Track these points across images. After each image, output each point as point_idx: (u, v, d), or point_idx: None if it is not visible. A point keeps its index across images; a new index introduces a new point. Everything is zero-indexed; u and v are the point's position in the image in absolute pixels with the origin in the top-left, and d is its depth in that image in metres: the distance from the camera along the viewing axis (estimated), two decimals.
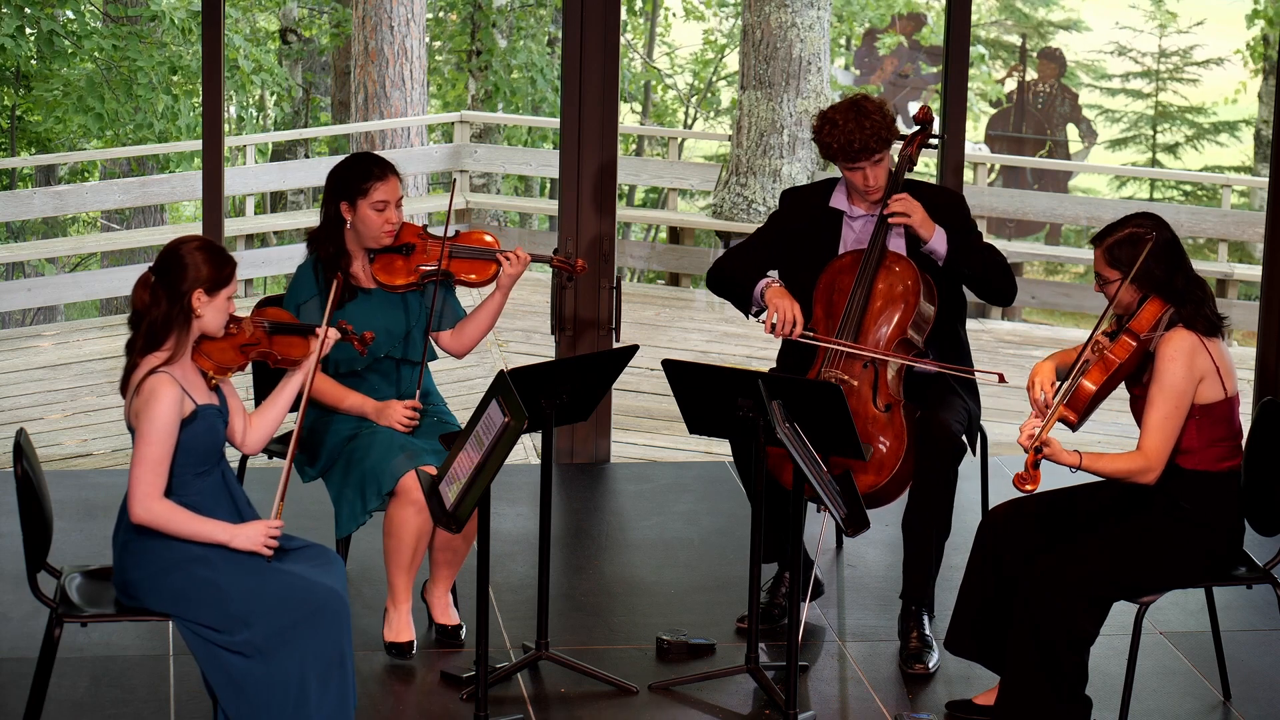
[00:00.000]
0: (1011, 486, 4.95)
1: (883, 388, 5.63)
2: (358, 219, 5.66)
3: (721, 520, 6.92)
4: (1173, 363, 5.00)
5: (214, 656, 4.74)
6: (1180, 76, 19.55)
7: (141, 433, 4.69)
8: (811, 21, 14.41)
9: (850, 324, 5.68)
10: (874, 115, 5.68)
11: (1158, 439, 5.01)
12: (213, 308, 4.77)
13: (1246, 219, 14.48)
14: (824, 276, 5.80)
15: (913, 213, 5.67)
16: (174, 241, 4.79)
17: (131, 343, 4.78)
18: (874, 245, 5.73)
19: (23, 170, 16.40)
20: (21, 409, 10.05)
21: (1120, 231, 5.09)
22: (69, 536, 6.47)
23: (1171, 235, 5.08)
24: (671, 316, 12.54)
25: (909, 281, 5.69)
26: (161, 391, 4.67)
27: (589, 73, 7.41)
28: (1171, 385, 5.00)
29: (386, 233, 5.67)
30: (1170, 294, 5.05)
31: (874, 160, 5.71)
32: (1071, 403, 5.02)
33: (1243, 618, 6.07)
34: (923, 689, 5.56)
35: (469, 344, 5.86)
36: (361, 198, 5.64)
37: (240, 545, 4.75)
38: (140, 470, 4.68)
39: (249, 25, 17.69)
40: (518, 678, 5.55)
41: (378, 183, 5.64)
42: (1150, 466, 5.02)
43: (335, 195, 5.68)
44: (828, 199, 5.92)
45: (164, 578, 4.76)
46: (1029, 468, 4.90)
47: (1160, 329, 5.04)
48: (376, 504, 5.52)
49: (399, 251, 5.71)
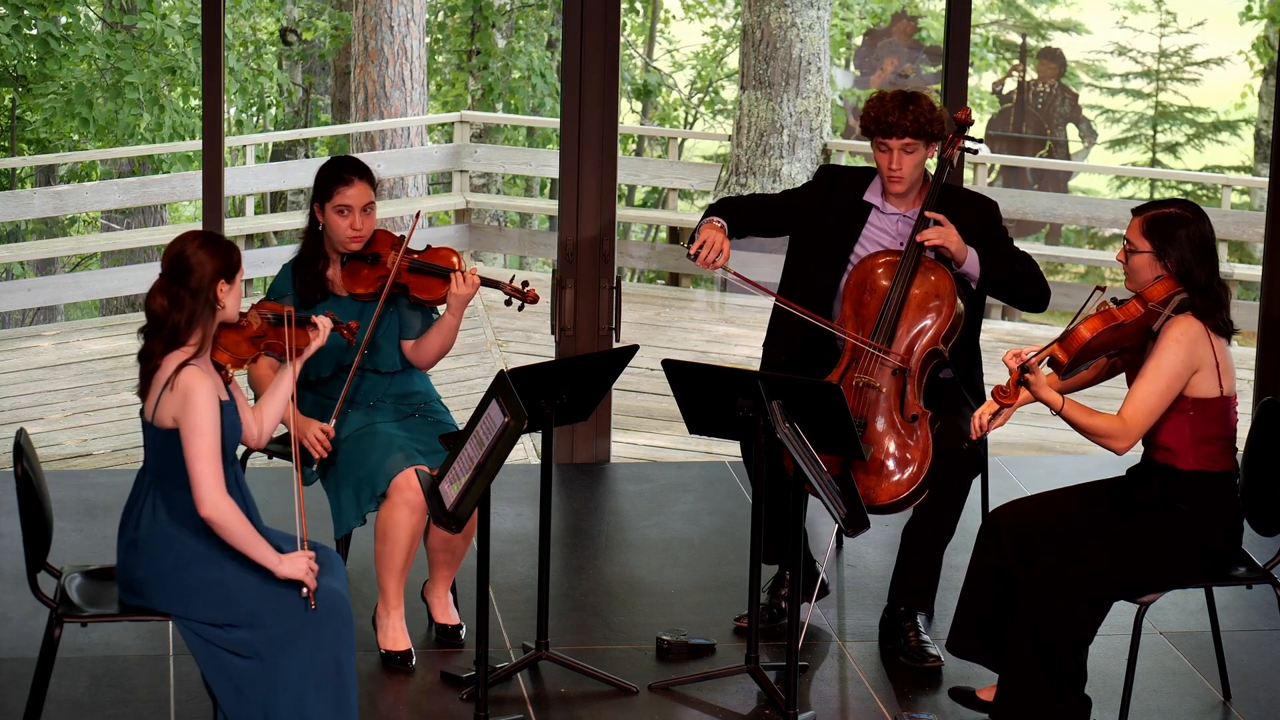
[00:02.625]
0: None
1: (911, 396, 5.60)
2: (327, 222, 5.65)
3: (721, 520, 6.92)
4: (1175, 344, 5.01)
5: (214, 657, 4.74)
6: (1180, 76, 19.54)
7: (191, 426, 4.67)
8: (811, 21, 14.41)
9: (884, 328, 5.64)
10: (921, 104, 5.68)
11: (1138, 409, 5.02)
12: (232, 295, 4.82)
13: (1246, 219, 14.48)
14: (855, 273, 5.76)
15: (948, 240, 5.65)
16: (176, 245, 4.79)
17: (148, 350, 4.77)
18: (911, 248, 5.70)
19: (23, 170, 16.40)
20: (21, 409, 10.04)
21: (1165, 208, 5.11)
22: (69, 536, 6.47)
23: (1210, 230, 5.10)
24: (671, 316, 12.54)
25: (944, 290, 5.66)
26: (199, 383, 4.69)
27: (589, 73, 7.40)
28: (1167, 364, 5.01)
29: (351, 238, 5.63)
30: (1189, 281, 5.06)
31: (902, 143, 5.69)
32: (1065, 343, 5.02)
33: (1243, 618, 6.07)
34: (923, 689, 5.56)
35: (426, 358, 5.77)
36: (328, 200, 5.62)
37: (285, 573, 4.73)
38: (201, 465, 4.67)
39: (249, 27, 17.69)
40: (518, 678, 5.55)
41: (342, 187, 5.60)
42: (1125, 434, 5.02)
43: (312, 197, 5.69)
44: (863, 191, 5.90)
45: (172, 577, 4.76)
46: (1010, 385, 4.93)
47: (1170, 306, 5.04)
48: (372, 505, 5.51)
49: (366, 260, 5.69)
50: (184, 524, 4.77)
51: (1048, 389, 5.01)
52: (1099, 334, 5.02)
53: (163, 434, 4.75)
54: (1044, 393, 5.01)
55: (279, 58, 17.51)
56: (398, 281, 5.64)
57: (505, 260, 16.52)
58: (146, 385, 4.76)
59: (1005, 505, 5.36)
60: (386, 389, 5.74)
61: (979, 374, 5.94)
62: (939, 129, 5.71)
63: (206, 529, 4.74)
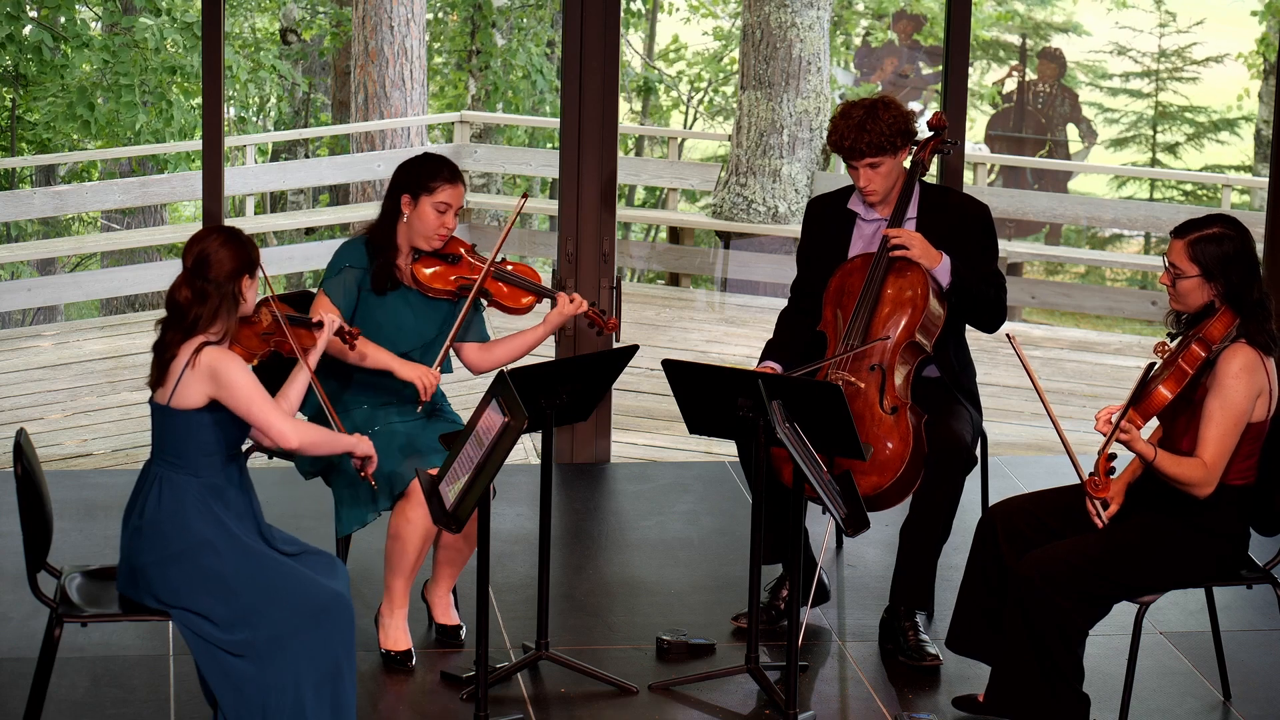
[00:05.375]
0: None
1: (890, 390, 5.63)
2: (416, 214, 5.65)
3: (721, 520, 6.92)
4: (1236, 380, 4.98)
5: (212, 657, 4.75)
6: (1180, 76, 19.54)
7: (234, 386, 4.78)
8: (811, 21, 14.41)
9: (858, 326, 5.68)
10: (883, 121, 5.68)
11: (1216, 452, 4.99)
12: (253, 289, 4.91)
13: (1246, 219, 14.44)
14: (834, 279, 5.81)
15: (911, 245, 5.68)
16: (198, 241, 4.85)
17: (164, 341, 4.81)
18: (884, 249, 5.73)
19: (23, 170, 16.40)
20: (21, 409, 10.04)
21: (1208, 229, 5.06)
22: (69, 536, 6.47)
23: (1253, 245, 5.08)
24: (671, 316, 12.54)
25: (918, 285, 5.69)
26: (225, 356, 4.78)
27: (589, 73, 7.40)
28: (1234, 402, 4.98)
29: (439, 235, 5.67)
30: (1242, 305, 5.03)
31: (866, 163, 5.72)
32: (1143, 409, 4.98)
33: (1243, 618, 6.07)
34: (923, 689, 5.57)
35: (494, 364, 5.82)
36: (426, 194, 5.64)
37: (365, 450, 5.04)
38: (261, 412, 4.81)
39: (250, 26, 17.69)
40: (518, 678, 5.55)
41: (446, 184, 5.64)
42: (1209, 480, 5.00)
43: (399, 187, 5.68)
44: (846, 201, 5.95)
45: (174, 565, 4.77)
46: (1101, 474, 4.89)
47: (1227, 340, 5.02)
48: (388, 504, 5.52)
49: (444, 258, 5.72)
50: (186, 509, 4.79)
51: (1141, 441, 4.97)
52: (1178, 395, 5.00)
53: (182, 416, 4.79)
54: (1139, 446, 4.97)
55: (279, 57, 17.50)
56: (483, 286, 5.69)
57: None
58: (162, 374, 4.79)
59: (1003, 502, 5.37)
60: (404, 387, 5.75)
61: (970, 375, 5.95)
62: (902, 139, 5.72)
63: (209, 515, 4.77)
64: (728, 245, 14.43)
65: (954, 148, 6.25)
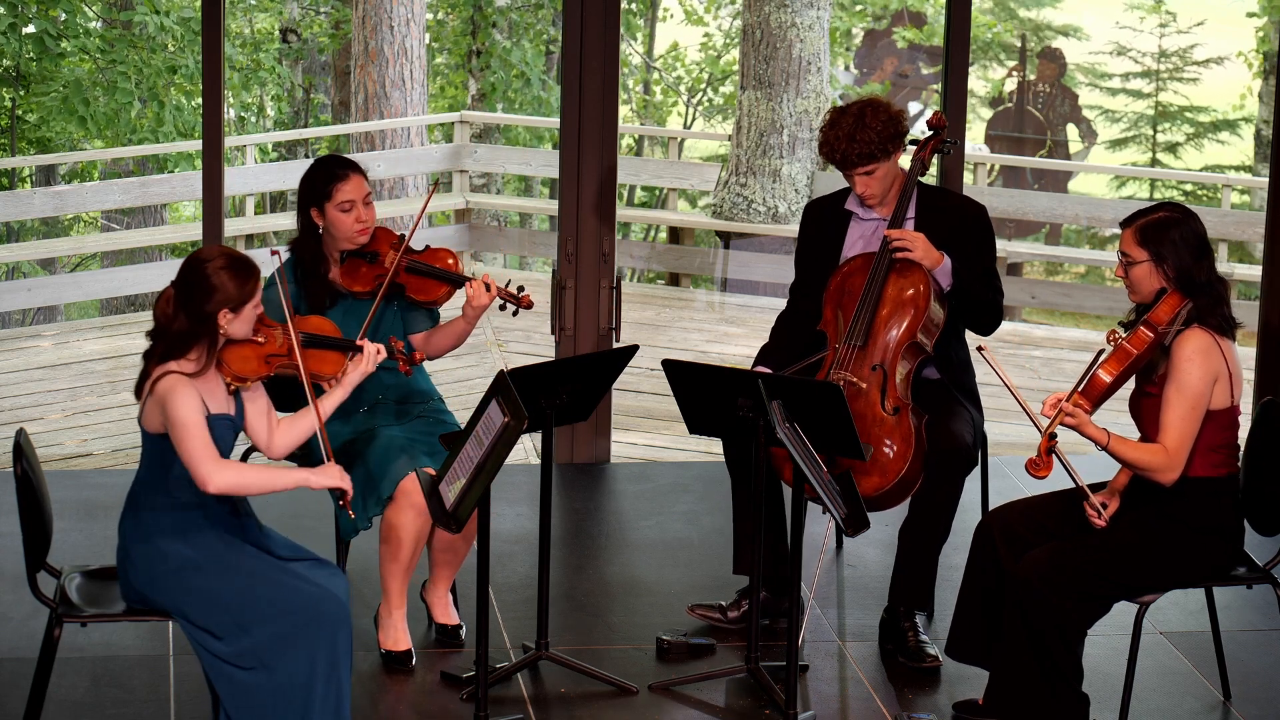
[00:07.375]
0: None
1: (891, 390, 5.63)
2: (329, 223, 5.62)
3: (721, 520, 6.92)
4: (1189, 363, 4.99)
5: (219, 670, 4.75)
6: (1180, 76, 19.54)
7: (174, 422, 4.66)
8: (811, 21, 14.41)
9: (860, 327, 5.68)
10: (872, 129, 5.66)
11: (1176, 436, 4.99)
12: (239, 321, 4.76)
13: (1246, 219, 14.48)
14: (835, 278, 5.81)
15: (913, 246, 5.67)
16: (196, 258, 4.75)
17: (150, 351, 4.77)
18: (885, 249, 5.73)
19: (23, 170, 16.40)
20: (21, 409, 10.04)
21: (1154, 214, 5.09)
22: (69, 536, 6.47)
23: (1201, 228, 5.09)
24: (671, 316, 12.54)
25: (920, 286, 5.68)
26: (177, 388, 4.67)
27: (589, 73, 7.40)
28: (1189, 385, 4.99)
29: (359, 231, 5.61)
30: (1191, 285, 5.04)
31: (860, 171, 5.72)
32: (1086, 391, 5.01)
33: (1243, 618, 6.07)
34: (922, 689, 5.57)
35: (436, 351, 5.77)
36: (328, 201, 5.60)
37: (319, 484, 4.78)
38: (188, 452, 4.65)
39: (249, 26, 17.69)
40: (518, 678, 5.55)
41: (340, 183, 5.59)
42: (1171, 465, 5.00)
43: (305, 203, 5.65)
44: (843, 202, 5.95)
45: (162, 582, 4.77)
46: (1042, 453, 4.91)
47: (1178, 323, 5.03)
48: (377, 510, 5.50)
49: (364, 258, 5.68)
50: (153, 534, 4.79)
51: (1091, 425, 4.97)
52: (1117, 377, 5.01)
53: (150, 438, 4.78)
54: (1089, 430, 4.98)
55: (279, 57, 17.51)
56: (395, 281, 5.63)
57: (505, 260, 16.52)
58: (140, 387, 4.78)
59: (1002, 506, 5.38)
60: (389, 387, 5.73)
61: (970, 376, 5.95)
62: (894, 143, 5.71)
63: (176, 533, 4.76)
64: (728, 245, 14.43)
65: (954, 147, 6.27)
